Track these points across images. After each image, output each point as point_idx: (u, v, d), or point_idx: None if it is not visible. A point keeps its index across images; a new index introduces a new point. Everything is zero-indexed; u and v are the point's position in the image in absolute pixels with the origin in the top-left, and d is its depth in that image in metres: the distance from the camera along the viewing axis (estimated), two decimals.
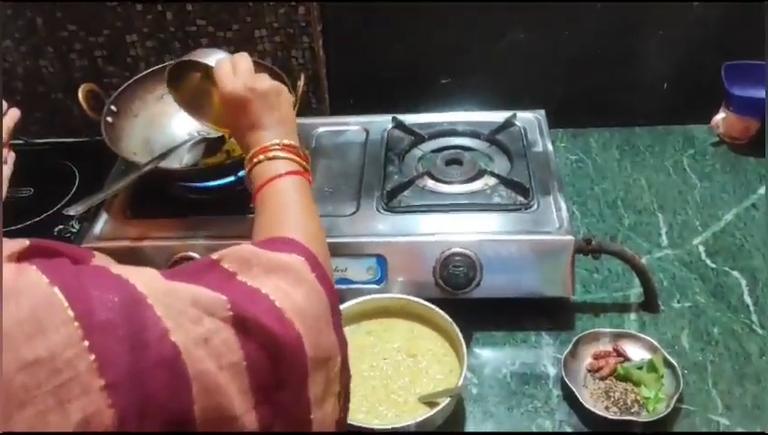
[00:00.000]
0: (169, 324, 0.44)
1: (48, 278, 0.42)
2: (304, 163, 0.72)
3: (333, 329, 0.56)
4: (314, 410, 0.53)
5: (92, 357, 0.40)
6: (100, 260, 0.54)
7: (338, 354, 0.56)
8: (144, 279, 0.46)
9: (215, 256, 0.55)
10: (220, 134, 0.95)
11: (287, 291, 0.52)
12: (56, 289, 0.41)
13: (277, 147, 0.70)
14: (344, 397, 0.58)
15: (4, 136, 0.81)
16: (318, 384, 0.53)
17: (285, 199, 0.68)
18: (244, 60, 0.76)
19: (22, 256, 0.46)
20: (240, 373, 0.47)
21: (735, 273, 0.94)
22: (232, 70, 0.75)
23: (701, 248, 0.98)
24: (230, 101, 0.73)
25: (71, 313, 0.41)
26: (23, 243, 0.48)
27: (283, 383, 0.50)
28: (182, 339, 0.45)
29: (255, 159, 0.71)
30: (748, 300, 0.91)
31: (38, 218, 1.02)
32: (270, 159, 0.70)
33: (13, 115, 0.83)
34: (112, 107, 0.97)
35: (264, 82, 0.74)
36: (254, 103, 0.72)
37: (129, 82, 1.00)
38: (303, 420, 0.53)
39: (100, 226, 0.93)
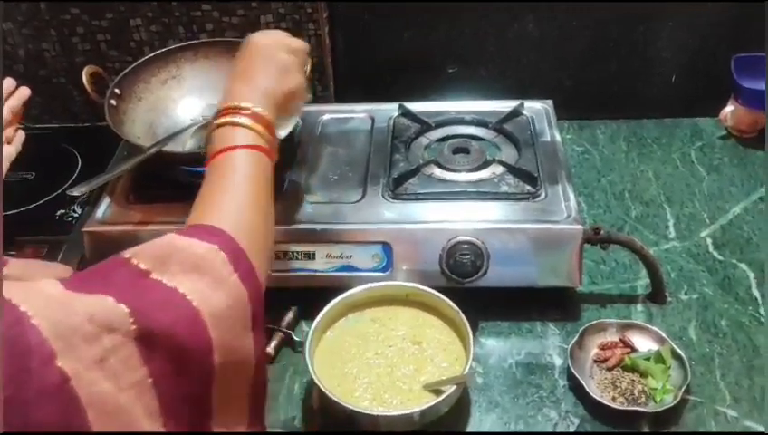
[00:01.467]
0: (57, 346, 0.40)
1: None
2: (271, 138, 0.66)
3: (252, 332, 0.53)
4: (216, 415, 0.51)
5: None
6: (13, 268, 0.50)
7: (252, 359, 0.53)
8: (33, 295, 0.42)
9: (127, 253, 0.51)
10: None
11: (204, 292, 0.49)
12: None
13: (247, 111, 0.65)
14: (257, 400, 0.56)
15: (11, 115, 0.79)
16: (224, 389, 0.50)
17: (230, 178, 0.62)
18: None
19: None
20: (145, 392, 0.44)
21: (743, 265, 0.94)
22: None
23: (708, 241, 0.98)
24: (248, 44, 0.71)
25: None
26: None
27: (189, 394, 0.48)
28: (71, 363, 0.41)
29: (219, 120, 0.66)
30: (756, 292, 0.90)
31: (39, 202, 1.01)
32: (233, 124, 0.65)
33: (21, 95, 0.81)
34: (116, 90, 0.95)
35: (282, 53, 0.71)
36: (259, 52, 0.69)
37: (134, 65, 0.99)
38: (204, 426, 0.50)
39: (102, 210, 0.92)
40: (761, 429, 0.75)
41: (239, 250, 0.54)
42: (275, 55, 0.71)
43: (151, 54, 1.01)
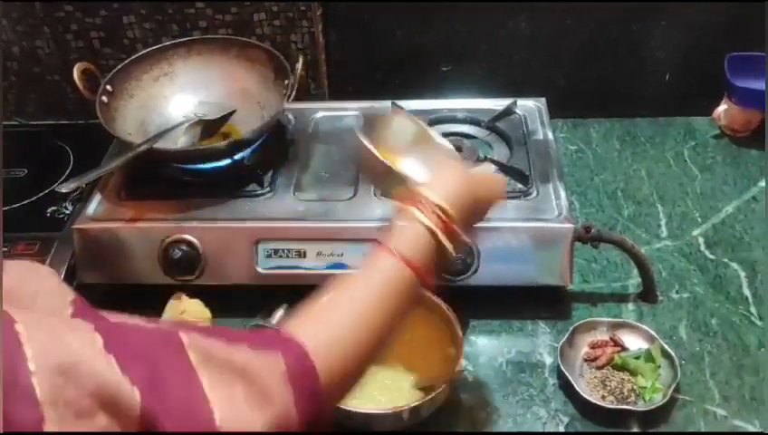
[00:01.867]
0: (47, 414, 0.37)
1: None
2: (450, 251, 0.60)
3: None
4: None
5: None
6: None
7: None
8: (52, 346, 0.38)
9: (185, 337, 0.44)
10: None
11: (238, 408, 0.44)
12: None
13: (437, 208, 0.58)
14: None
15: None
16: None
17: (360, 291, 0.56)
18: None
19: None
20: None
21: (735, 264, 0.94)
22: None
23: (700, 240, 0.98)
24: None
25: None
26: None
27: None
28: (57, 427, 0.37)
29: (402, 211, 0.60)
30: (747, 292, 0.90)
31: (31, 199, 1.01)
32: (412, 220, 0.59)
33: None
34: (108, 87, 0.95)
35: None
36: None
37: (126, 61, 0.99)
38: None
39: (93, 206, 0.92)
40: (750, 428, 0.76)
41: (310, 367, 0.48)
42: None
43: (143, 51, 1.01)
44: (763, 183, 1.06)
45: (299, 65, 0.97)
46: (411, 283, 0.57)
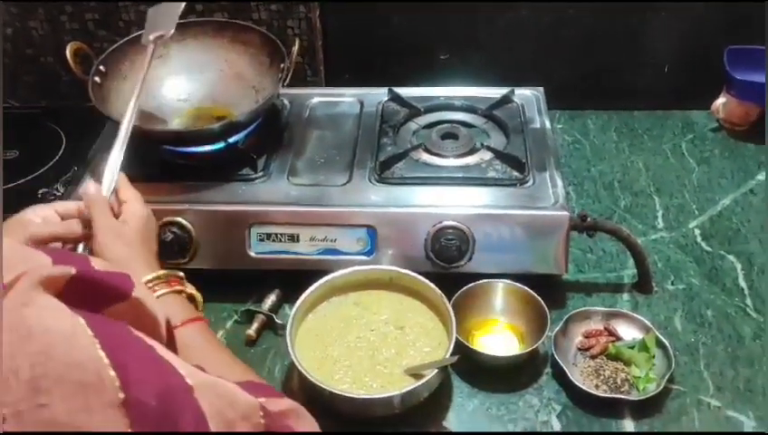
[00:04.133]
0: (211, 425, 0.42)
1: (103, 352, 0.38)
2: (197, 296, 0.71)
3: None
4: None
5: None
6: (140, 288, 0.48)
7: None
8: (190, 369, 0.43)
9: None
10: None
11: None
12: (107, 364, 0.38)
13: (161, 281, 0.68)
14: None
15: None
16: None
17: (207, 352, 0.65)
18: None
19: (67, 291, 0.41)
20: None
21: (731, 257, 0.93)
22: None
23: (697, 232, 0.97)
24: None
25: (121, 395, 0.37)
26: (66, 271, 0.42)
27: None
28: None
29: (164, 289, 0.69)
30: (743, 283, 0.89)
31: (22, 181, 1.00)
32: (178, 293, 0.69)
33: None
34: (101, 67, 0.94)
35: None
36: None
37: (120, 42, 0.98)
38: None
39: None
40: (743, 419, 0.75)
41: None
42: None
43: (138, 33, 1.00)
44: (760, 176, 1.05)
45: (295, 49, 0.96)
46: (202, 329, 0.68)
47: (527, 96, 1.05)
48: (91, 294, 0.43)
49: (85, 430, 0.36)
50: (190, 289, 0.71)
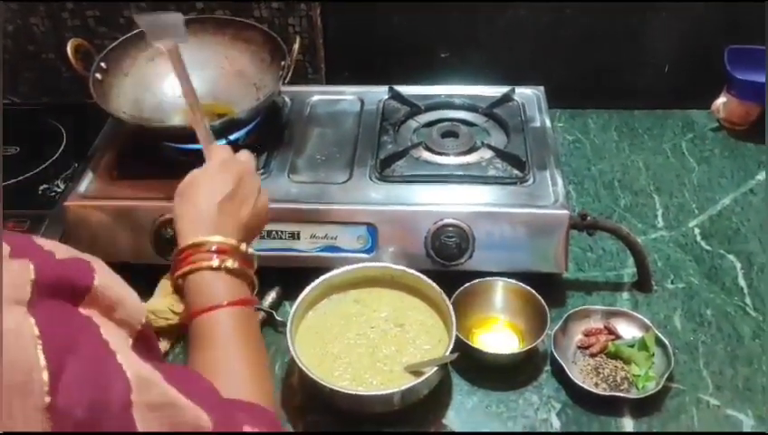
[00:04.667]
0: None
1: (42, 344, 0.37)
2: (252, 276, 0.63)
3: None
4: None
5: None
6: (100, 275, 0.46)
7: None
8: (146, 382, 0.41)
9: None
10: None
11: None
12: (43, 366, 0.37)
13: (223, 250, 0.60)
14: None
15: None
16: None
17: (227, 347, 0.58)
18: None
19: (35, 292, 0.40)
20: None
21: (731, 256, 0.93)
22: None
23: (696, 231, 0.97)
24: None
25: (47, 399, 0.36)
26: (26, 278, 0.40)
27: None
28: None
29: (188, 265, 0.60)
30: (742, 283, 0.89)
31: (22, 177, 1.00)
32: (210, 268, 0.60)
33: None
34: (102, 64, 0.94)
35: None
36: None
37: (121, 39, 0.98)
38: None
39: (85, 185, 0.90)
40: (743, 417, 0.75)
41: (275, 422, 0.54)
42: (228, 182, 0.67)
43: (139, 29, 1.00)
44: (760, 176, 1.05)
45: (296, 46, 0.96)
46: (247, 315, 0.61)
47: (528, 95, 1.05)
48: (58, 291, 0.42)
49: (7, 430, 0.36)
50: (251, 275, 0.65)
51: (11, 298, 0.39)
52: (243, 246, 0.63)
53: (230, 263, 0.61)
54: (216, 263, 0.60)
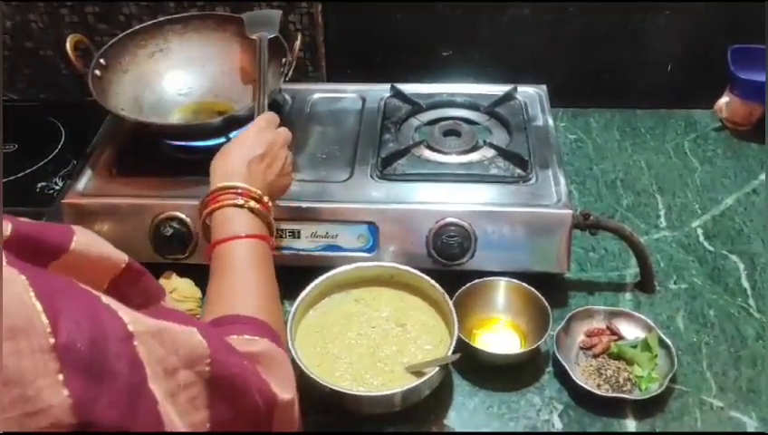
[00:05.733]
0: (148, 371, 0.41)
1: (34, 292, 0.37)
2: (271, 220, 0.70)
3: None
4: None
5: (66, 393, 0.36)
6: (80, 237, 0.47)
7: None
8: (135, 316, 0.42)
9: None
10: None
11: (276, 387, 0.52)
12: (41, 310, 0.37)
13: (248, 194, 0.68)
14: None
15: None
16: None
17: (242, 273, 0.64)
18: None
19: (7, 248, 0.41)
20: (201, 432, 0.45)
21: (734, 257, 0.93)
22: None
23: (699, 231, 0.97)
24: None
25: (51, 340, 0.37)
26: (3, 228, 0.42)
27: None
28: (156, 388, 0.41)
29: (216, 204, 0.68)
30: (746, 284, 0.89)
31: (21, 174, 0.99)
32: (235, 205, 0.67)
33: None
34: (101, 60, 0.93)
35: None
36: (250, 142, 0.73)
37: (121, 35, 0.97)
38: None
39: (83, 182, 0.90)
40: (746, 419, 0.74)
41: (277, 336, 0.57)
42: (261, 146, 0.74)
43: (139, 26, 0.99)
44: (762, 176, 1.05)
45: (297, 43, 0.95)
46: (264, 249, 0.67)
47: (530, 93, 1.05)
48: (32, 250, 0.43)
49: (14, 371, 0.36)
50: (271, 218, 0.70)
51: None
52: (265, 198, 0.70)
53: (253, 204, 0.68)
54: (240, 202, 0.68)
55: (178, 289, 0.83)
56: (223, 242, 0.65)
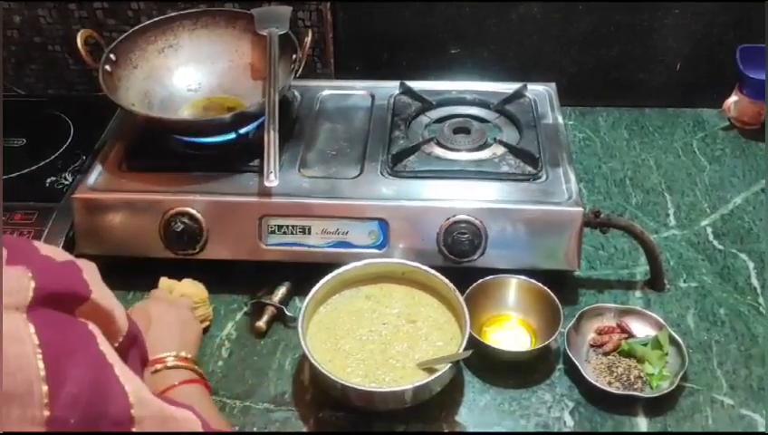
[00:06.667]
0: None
1: (42, 354, 0.38)
2: (200, 371, 0.71)
3: None
4: None
5: None
6: (95, 286, 0.48)
7: None
8: (142, 397, 0.43)
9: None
10: None
11: None
12: (43, 377, 0.38)
13: (173, 358, 0.70)
14: None
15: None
16: None
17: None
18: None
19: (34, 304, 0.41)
20: None
21: (743, 255, 0.93)
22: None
23: (709, 230, 0.97)
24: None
25: (46, 413, 0.38)
26: (26, 285, 0.42)
27: None
28: None
29: (152, 368, 0.69)
30: (755, 282, 0.89)
31: (30, 169, 0.99)
32: (168, 367, 0.69)
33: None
34: (111, 55, 0.93)
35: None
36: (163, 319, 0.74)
37: (130, 31, 0.97)
38: None
39: (93, 177, 0.90)
40: (757, 417, 0.75)
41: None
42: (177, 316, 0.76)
43: (149, 21, 0.99)
44: None
45: (308, 39, 0.95)
46: (205, 390, 0.70)
47: (539, 91, 1.05)
48: (57, 300, 0.43)
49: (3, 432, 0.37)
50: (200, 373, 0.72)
51: (11, 305, 0.39)
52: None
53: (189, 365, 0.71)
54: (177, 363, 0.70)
55: (184, 292, 0.83)
56: (165, 391, 0.66)
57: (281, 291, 0.87)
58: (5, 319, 0.38)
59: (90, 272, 0.48)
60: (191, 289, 0.84)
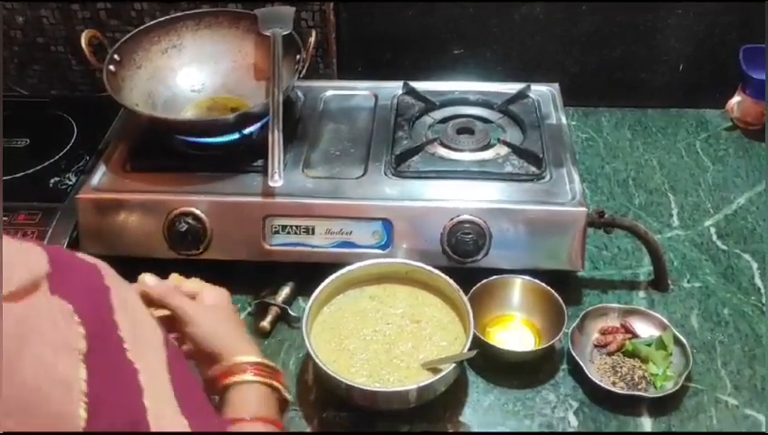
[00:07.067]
0: None
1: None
2: (286, 395, 0.63)
3: None
4: None
5: None
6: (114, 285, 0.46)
7: None
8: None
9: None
10: None
11: None
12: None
13: (256, 367, 0.62)
14: None
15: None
16: None
17: None
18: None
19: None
20: None
21: (747, 256, 0.93)
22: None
23: (712, 230, 0.97)
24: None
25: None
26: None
27: None
28: None
29: (228, 381, 0.61)
30: (759, 282, 0.89)
31: (33, 169, 0.99)
32: (248, 382, 0.61)
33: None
34: (115, 56, 0.93)
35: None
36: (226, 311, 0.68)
37: (135, 31, 0.97)
38: None
39: (97, 177, 0.90)
40: (761, 417, 0.75)
41: None
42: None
43: (152, 22, 0.99)
44: None
45: (311, 40, 0.95)
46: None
47: (542, 92, 1.05)
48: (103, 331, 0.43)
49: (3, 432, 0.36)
50: (285, 393, 0.63)
51: (65, 343, 0.39)
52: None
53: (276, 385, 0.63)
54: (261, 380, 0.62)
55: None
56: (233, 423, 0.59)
57: (284, 291, 0.87)
58: (60, 358, 0.39)
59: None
60: (198, 288, 0.84)
